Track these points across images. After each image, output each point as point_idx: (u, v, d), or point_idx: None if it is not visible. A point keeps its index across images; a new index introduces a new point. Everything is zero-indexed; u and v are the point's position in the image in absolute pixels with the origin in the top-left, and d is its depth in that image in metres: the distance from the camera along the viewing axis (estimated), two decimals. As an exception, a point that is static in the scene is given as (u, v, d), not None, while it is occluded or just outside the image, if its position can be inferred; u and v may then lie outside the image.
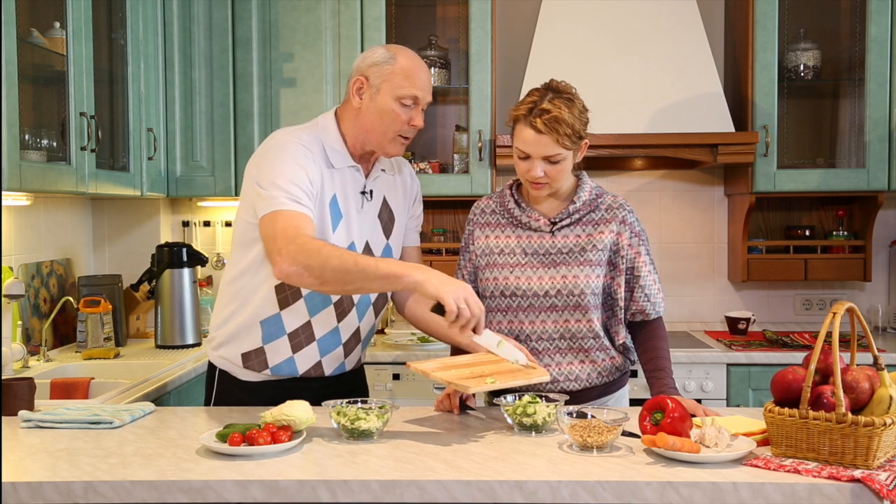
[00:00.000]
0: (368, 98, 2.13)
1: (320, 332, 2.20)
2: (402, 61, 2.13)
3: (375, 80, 2.12)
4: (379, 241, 2.26)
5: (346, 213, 2.17)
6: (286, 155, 2.10)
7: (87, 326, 3.15)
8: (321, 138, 2.17)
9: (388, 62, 2.12)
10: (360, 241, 2.20)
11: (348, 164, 2.18)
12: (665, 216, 3.91)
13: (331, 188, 2.15)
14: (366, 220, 2.22)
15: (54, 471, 1.69)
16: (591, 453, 1.78)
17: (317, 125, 2.21)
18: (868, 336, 1.77)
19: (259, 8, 3.51)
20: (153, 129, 3.30)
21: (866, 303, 3.82)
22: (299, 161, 2.09)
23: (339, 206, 2.16)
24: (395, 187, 2.31)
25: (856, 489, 1.58)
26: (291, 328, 2.18)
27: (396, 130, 2.14)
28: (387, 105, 2.11)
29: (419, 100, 2.14)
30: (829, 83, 3.77)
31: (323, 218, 2.12)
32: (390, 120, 2.12)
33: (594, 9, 3.53)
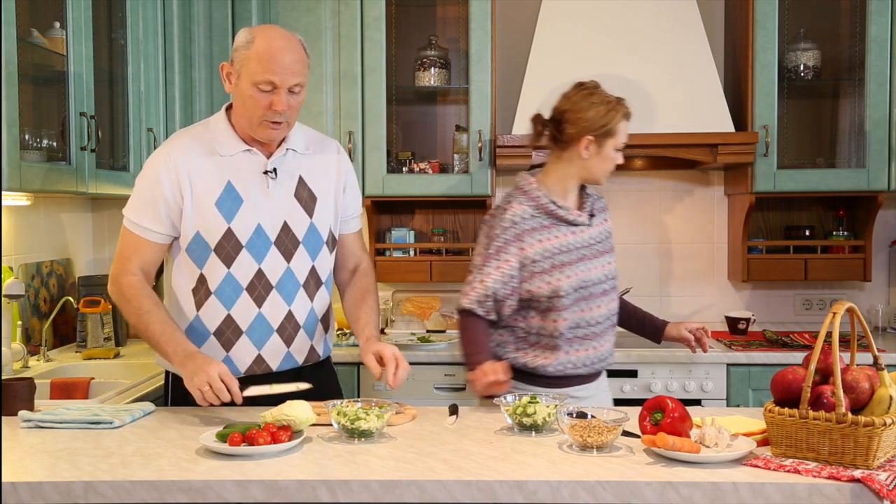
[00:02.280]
0: (234, 84, 2.13)
1: (244, 323, 2.20)
2: (258, 45, 2.08)
3: (237, 65, 2.11)
4: (300, 219, 2.23)
5: (247, 197, 2.17)
6: (149, 163, 2.20)
7: (87, 326, 3.15)
8: (211, 131, 2.20)
9: (246, 46, 2.09)
10: (272, 222, 2.19)
11: (241, 149, 2.19)
12: (665, 216, 3.91)
13: (223, 175, 2.17)
14: (278, 200, 2.20)
15: (54, 471, 1.69)
16: (591, 453, 1.78)
17: (208, 121, 2.26)
18: (868, 336, 1.77)
19: (259, 8, 3.51)
20: (153, 129, 3.30)
21: (866, 303, 3.82)
22: (157, 170, 2.15)
23: (238, 190, 2.17)
24: (314, 166, 2.28)
25: (856, 489, 1.58)
26: (214, 326, 2.19)
27: (260, 116, 2.11)
28: (246, 90, 2.09)
29: (277, 84, 2.08)
30: (829, 83, 3.77)
31: (210, 211, 2.14)
32: (252, 105, 2.10)
33: (594, 9, 3.53)
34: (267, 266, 2.19)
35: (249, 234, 2.17)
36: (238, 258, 2.16)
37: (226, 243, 2.15)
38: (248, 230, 2.16)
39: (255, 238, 2.17)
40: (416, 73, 3.72)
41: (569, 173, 2.39)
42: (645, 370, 3.30)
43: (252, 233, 2.17)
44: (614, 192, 3.91)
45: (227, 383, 1.99)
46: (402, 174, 3.62)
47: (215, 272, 2.17)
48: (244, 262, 2.17)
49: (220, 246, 2.15)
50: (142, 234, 2.17)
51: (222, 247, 2.15)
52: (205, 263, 2.17)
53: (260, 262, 2.18)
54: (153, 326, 2.12)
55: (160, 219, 2.16)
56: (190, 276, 2.20)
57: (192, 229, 2.15)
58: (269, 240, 2.19)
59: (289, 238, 2.21)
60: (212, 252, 2.16)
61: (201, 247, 2.16)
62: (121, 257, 2.19)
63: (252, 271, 2.18)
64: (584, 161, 2.36)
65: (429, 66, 3.70)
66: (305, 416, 1.86)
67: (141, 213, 2.16)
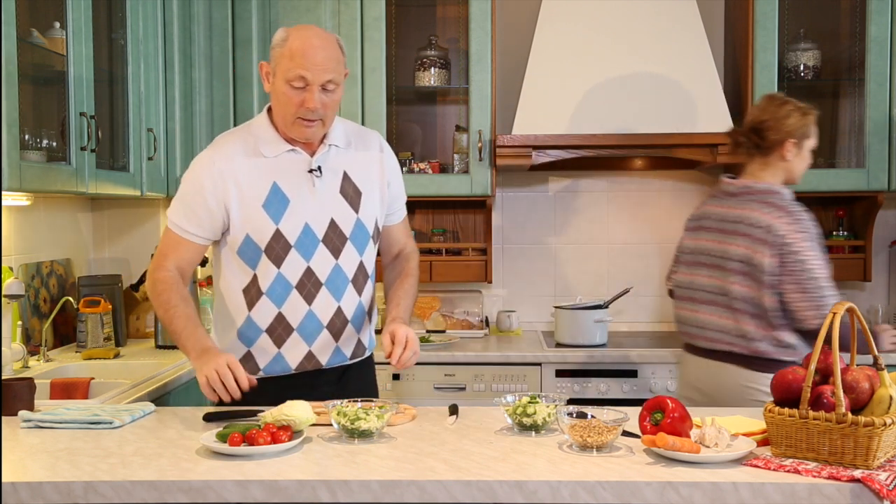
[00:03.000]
0: (271, 83, 2.16)
1: (295, 321, 2.22)
2: (292, 42, 2.10)
3: (273, 63, 2.14)
4: (347, 215, 2.24)
5: (293, 197, 2.18)
6: (193, 166, 2.21)
7: (87, 326, 3.15)
8: (253, 133, 2.21)
9: (280, 44, 2.12)
10: (319, 220, 2.20)
11: (285, 149, 2.20)
12: (665, 216, 3.91)
13: (269, 177, 2.18)
14: (324, 198, 2.22)
15: (54, 471, 1.69)
16: (591, 453, 1.78)
17: (250, 123, 2.27)
18: (868, 336, 1.77)
19: (259, 8, 3.51)
20: (153, 129, 3.30)
21: (866, 303, 3.82)
22: (200, 174, 2.17)
23: (283, 191, 2.18)
24: (357, 161, 2.28)
25: (856, 489, 1.58)
26: (266, 324, 2.21)
27: (293, 114, 2.12)
28: (280, 88, 2.12)
29: (309, 80, 2.08)
30: (829, 83, 3.77)
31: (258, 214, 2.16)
32: (285, 103, 2.12)
33: (594, 9, 3.53)
34: (315, 264, 2.21)
35: (298, 234, 2.18)
36: (287, 258, 2.18)
37: (275, 244, 2.17)
38: (296, 230, 2.18)
39: (304, 237, 2.19)
40: (416, 73, 3.73)
41: (775, 175, 2.60)
42: (645, 370, 3.30)
43: (300, 232, 2.18)
44: (614, 192, 3.91)
45: (234, 371, 2.00)
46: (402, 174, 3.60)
47: (266, 273, 2.19)
48: (293, 262, 2.18)
49: (269, 247, 2.17)
50: (180, 234, 2.20)
51: (272, 248, 2.17)
52: (257, 264, 2.19)
53: (308, 261, 2.20)
54: (177, 321, 2.15)
55: (200, 223, 2.18)
56: (242, 276, 2.21)
57: (242, 232, 2.17)
58: (316, 238, 2.20)
59: (336, 235, 2.22)
60: (262, 253, 2.17)
61: (251, 249, 2.18)
62: (159, 255, 2.23)
63: (301, 270, 2.19)
64: (787, 163, 2.59)
65: (429, 66, 3.70)
66: (305, 416, 1.85)
67: (181, 215, 2.19)
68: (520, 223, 3.93)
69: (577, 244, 3.93)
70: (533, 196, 3.93)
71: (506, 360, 3.32)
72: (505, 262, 3.93)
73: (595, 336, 3.45)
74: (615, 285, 3.85)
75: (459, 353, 3.33)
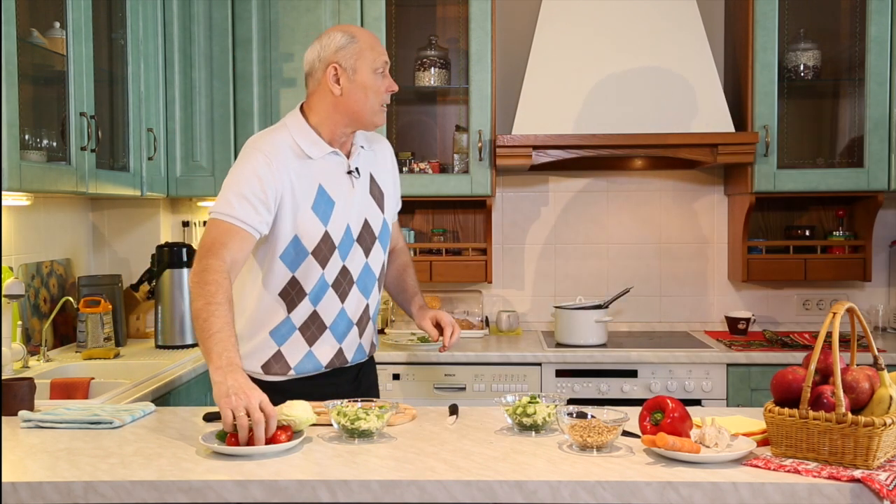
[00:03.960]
0: (347, 81, 2.20)
1: (329, 318, 2.25)
2: (361, 37, 2.22)
3: (348, 62, 2.19)
4: (376, 216, 2.32)
5: (337, 199, 2.22)
6: (245, 164, 2.16)
7: (87, 326, 3.15)
8: (293, 136, 2.22)
9: (352, 42, 2.20)
10: (357, 220, 2.26)
11: (327, 151, 2.23)
12: (665, 216, 3.91)
13: (315, 179, 2.20)
14: (360, 199, 2.28)
15: (54, 471, 1.69)
16: (591, 453, 1.78)
17: (286, 125, 2.25)
18: (868, 336, 1.77)
19: (259, 8, 3.51)
20: (153, 129, 3.30)
21: (866, 303, 3.82)
22: (257, 171, 2.13)
23: (329, 193, 2.21)
24: (376, 161, 2.37)
25: (856, 489, 1.58)
26: (300, 322, 2.23)
27: (380, 101, 2.23)
28: (367, 80, 2.20)
29: (387, 65, 2.26)
30: (829, 83, 3.77)
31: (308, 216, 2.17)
32: (374, 92, 2.21)
33: (594, 9, 3.53)
34: (350, 263, 2.25)
35: (341, 235, 2.22)
36: (331, 259, 2.21)
37: (323, 246, 2.19)
38: (340, 231, 2.22)
39: (345, 238, 2.24)
40: (416, 73, 3.72)
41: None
42: (645, 370, 3.30)
43: (343, 233, 2.23)
44: (614, 192, 3.91)
45: (267, 419, 1.79)
46: (402, 174, 3.59)
47: (311, 274, 2.20)
48: (334, 262, 2.23)
49: (317, 249, 2.19)
50: (238, 224, 2.09)
51: (319, 249, 2.19)
52: (298, 267, 2.19)
53: (344, 260, 2.24)
54: (214, 321, 1.96)
55: (258, 214, 2.11)
56: (279, 280, 2.20)
57: (290, 234, 2.16)
58: (352, 238, 2.25)
59: (368, 234, 2.29)
60: (309, 255, 2.18)
61: (298, 250, 2.18)
62: (212, 245, 2.07)
63: (338, 269, 2.24)
64: None
65: (429, 66, 3.70)
66: (305, 416, 1.85)
67: (237, 206, 2.09)
68: (520, 223, 3.93)
69: (577, 244, 3.93)
70: (533, 196, 3.93)
71: (506, 360, 3.32)
72: (505, 262, 3.93)
73: (595, 336, 3.45)
74: (615, 285, 3.86)
75: (459, 353, 3.33)
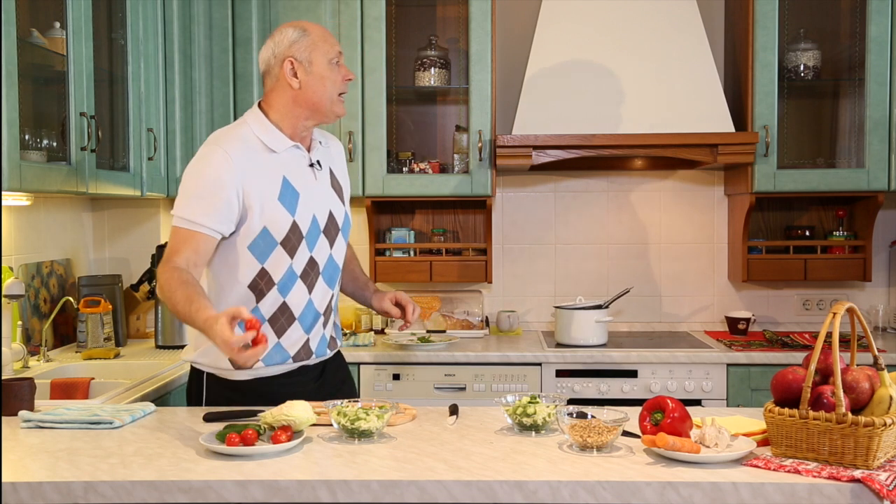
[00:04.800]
0: (304, 73, 2.24)
1: (297, 310, 2.26)
2: (312, 30, 2.28)
3: (303, 54, 2.25)
4: (339, 208, 2.37)
5: (301, 190, 2.26)
6: (203, 161, 2.19)
7: (88, 326, 3.15)
8: (254, 131, 2.25)
9: (304, 36, 2.26)
10: (322, 212, 2.30)
11: (289, 145, 2.27)
12: (665, 216, 3.91)
13: (279, 171, 2.23)
14: (323, 191, 2.33)
15: (54, 471, 1.69)
16: (591, 453, 1.78)
17: (246, 122, 2.30)
18: (868, 336, 1.77)
19: (259, 8, 3.51)
20: (153, 129, 3.30)
21: (866, 303, 3.82)
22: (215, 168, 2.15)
23: (293, 185, 2.24)
24: (332, 158, 2.43)
25: (856, 489, 1.58)
26: (269, 314, 2.23)
27: (338, 90, 2.28)
28: (323, 71, 2.25)
29: (342, 56, 2.31)
30: (829, 83, 3.77)
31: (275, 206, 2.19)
32: (332, 82, 2.26)
33: (594, 9, 3.53)
34: (317, 254, 2.29)
35: (308, 226, 2.25)
36: (299, 249, 2.24)
37: (291, 236, 2.22)
38: (307, 222, 2.25)
39: (312, 228, 2.27)
40: (416, 73, 3.72)
41: None
42: (645, 370, 3.30)
43: (310, 224, 2.26)
44: (614, 192, 3.91)
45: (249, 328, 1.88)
46: (402, 174, 3.62)
47: (279, 265, 2.22)
48: (302, 252, 2.25)
49: (286, 239, 2.22)
50: (194, 229, 2.13)
51: (288, 239, 2.22)
52: (267, 258, 2.21)
53: (311, 251, 2.27)
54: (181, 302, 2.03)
55: (218, 216, 2.14)
56: (248, 271, 2.22)
57: (259, 225, 2.19)
58: (319, 229, 2.29)
59: (332, 226, 2.33)
60: (277, 245, 2.21)
61: (266, 241, 2.20)
62: (167, 254, 2.15)
63: (306, 260, 2.27)
64: None
65: (429, 66, 3.70)
66: (305, 416, 1.85)
67: (196, 210, 2.14)
68: (520, 223, 3.93)
69: (577, 244, 3.93)
70: (533, 196, 3.93)
71: (506, 360, 3.32)
72: (505, 262, 3.93)
73: (595, 336, 3.44)
74: (615, 285, 3.86)
75: (459, 354, 3.33)
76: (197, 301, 2.01)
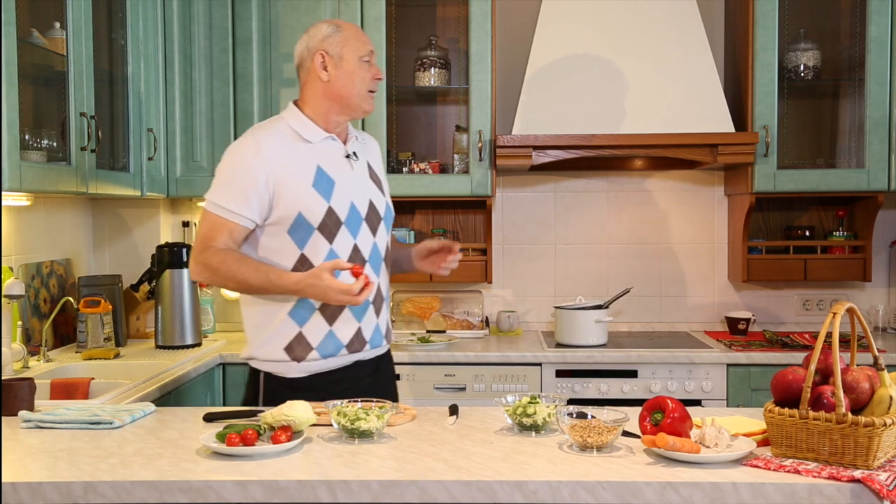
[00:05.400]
0: (334, 67, 2.31)
1: None
2: (346, 28, 2.34)
3: (335, 49, 2.31)
4: (379, 198, 2.41)
5: (337, 179, 2.30)
6: (236, 150, 2.28)
7: (88, 327, 3.15)
8: (289, 124, 2.33)
9: (337, 32, 2.32)
10: (361, 200, 2.34)
11: (323, 136, 2.33)
12: (665, 216, 3.91)
13: (313, 160, 2.29)
14: (360, 181, 2.37)
15: (54, 471, 1.69)
16: (591, 453, 1.78)
17: (281, 117, 2.37)
18: (868, 336, 1.77)
19: (259, 8, 3.51)
20: (153, 129, 3.30)
21: (866, 303, 3.82)
22: (246, 157, 2.24)
23: (328, 173, 2.29)
24: (370, 152, 2.49)
25: (856, 489, 1.58)
26: (319, 302, 2.27)
27: (367, 87, 2.34)
28: (353, 67, 2.32)
29: (374, 55, 2.37)
30: (829, 83, 3.77)
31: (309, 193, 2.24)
32: (360, 78, 2.32)
33: (594, 9, 3.53)
34: (360, 242, 2.33)
35: (346, 212, 2.29)
36: (338, 234, 2.28)
37: (328, 221, 2.26)
38: (344, 208, 2.29)
39: (351, 215, 2.30)
40: (416, 73, 3.72)
41: None
42: (645, 370, 3.30)
43: (348, 210, 2.30)
44: (614, 192, 3.91)
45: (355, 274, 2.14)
46: (402, 174, 3.62)
47: (319, 250, 2.26)
48: (343, 239, 2.29)
49: (322, 224, 2.26)
50: (227, 217, 2.22)
51: (325, 225, 2.26)
52: (306, 243, 2.26)
53: (355, 238, 2.31)
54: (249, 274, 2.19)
55: (249, 204, 2.22)
56: (289, 258, 2.26)
57: (294, 211, 2.24)
58: (360, 217, 2.33)
59: (374, 215, 2.38)
60: (314, 230, 2.25)
61: (303, 227, 2.25)
62: (203, 240, 2.24)
63: (349, 247, 2.30)
64: None
65: (429, 66, 3.70)
66: (305, 416, 1.86)
67: (229, 198, 2.23)
68: (520, 223, 3.93)
69: (577, 244, 3.93)
70: (533, 196, 3.93)
71: (506, 360, 3.32)
72: (505, 262, 3.93)
73: (595, 336, 3.45)
74: (615, 285, 3.86)
75: (460, 354, 3.33)
76: (270, 269, 2.20)
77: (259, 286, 2.20)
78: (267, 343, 2.29)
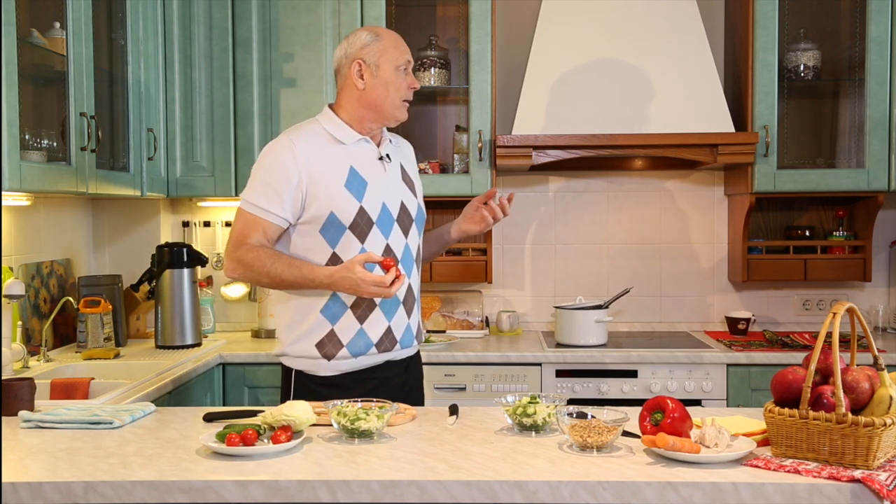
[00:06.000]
0: (370, 76, 2.34)
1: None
2: (386, 36, 2.37)
3: (372, 58, 2.33)
4: (411, 200, 2.44)
5: (370, 180, 2.33)
6: (271, 150, 2.31)
7: (87, 326, 3.15)
8: (324, 126, 2.36)
9: (376, 41, 2.35)
10: (393, 202, 2.37)
11: (357, 138, 2.36)
12: (665, 216, 3.91)
13: (346, 161, 2.32)
14: (392, 183, 2.40)
15: (54, 471, 1.69)
16: (591, 453, 1.78)
17: (316, 119, 2.40)
18: (868, 336, 1.77)
19: (259, 8, 3.51)
20: (153, 129, 3.30)
21: (866, 303, 3.82)
22: (281, 156, 2.27)
23: (360, 174, 2.32)
24: (404, 155, 2.53)
25: (856, 489, 1.58)
26: (351, 299, 2.30)
27: (402, 96, 2.36)
28: (389, 76, 2.34)
29: (410, 64, 2.39)
30: (829, 83, 3.77)
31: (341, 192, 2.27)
32: (395, 88, 2.34)
33: (594, 9, 3.53)
34: (392, 242, 2.35)
35: (378, 212, 2.32)
36: (370, 234, 2.31)
37: (360, 220, 2.29)
38: (376, 209, 2.32)
39: (383, 215, 2.33)
40: (417, 74, 3.72)
41: None
42: (645, 370, 3.30)
43: (380, 211, 2.33)
44: (614, 192, 3.91)
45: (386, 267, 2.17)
46: (402, 174, 3.62)
47: (350, 249, 2.29)
48: (375, 238, 2.31)
49: (354, 224, 2.29)
50: (261, 216, 2.27)
51: (356, 224, 2.29)
52: (338, 242, 2.29)
53: (387, 238, 2.34)
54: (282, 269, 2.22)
55: (282, 203, 2.26)
56: (322, 257, 2.30)
57: (326, 210, 2.27)
58: (392, 217, 2.36)
59: (406, 216, 2.40)
60: (346, 230, 2.28)
61: (335, 226, 2.28)
62: (237, 237, 2.29)
63: (381, 247, 2.33)
64: None
65: (429, 66, 3.70)
66: (305, 416, 1.86)
67: (262, 196, 2.27)
68: (520, 223, 3.93)
69: (577, 244, 3.93)
70: (533, 196, 3.93)
71: (506, 360, 3.32)
72: (505, 262, 3.93)
73: (595, 336, 3.45)
74: (615, 285, 3.86)
75: (459, 354, 3.33)
76: (303, 264, 2.24)
77: (292, 281, 2.23)
78: (300, 340, 2.32)
